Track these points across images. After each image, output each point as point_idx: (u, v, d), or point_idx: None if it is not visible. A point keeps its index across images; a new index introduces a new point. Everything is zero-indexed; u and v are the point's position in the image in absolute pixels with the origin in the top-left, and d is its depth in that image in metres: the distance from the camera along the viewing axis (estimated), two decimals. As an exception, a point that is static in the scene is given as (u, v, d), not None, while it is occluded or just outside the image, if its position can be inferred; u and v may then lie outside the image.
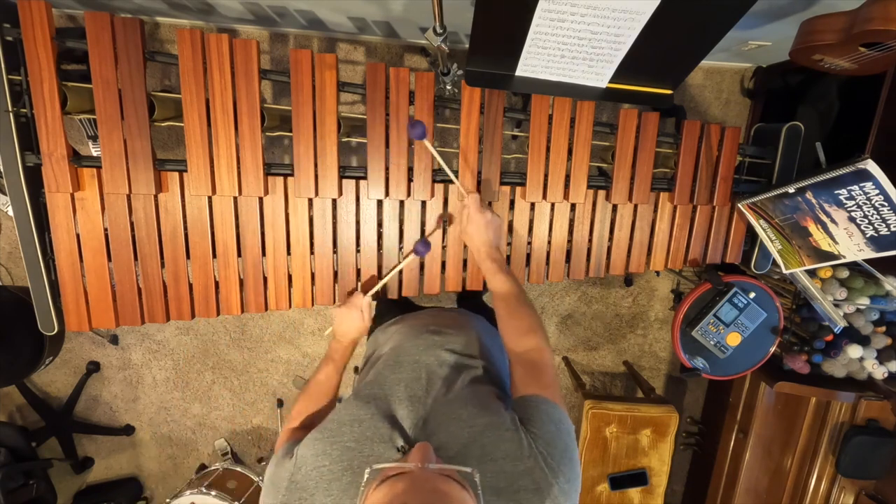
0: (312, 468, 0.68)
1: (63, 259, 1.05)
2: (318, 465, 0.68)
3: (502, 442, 0.67)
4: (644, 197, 1.24)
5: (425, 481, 0.54)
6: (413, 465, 0.55)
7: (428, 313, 1.14)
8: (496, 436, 0.67)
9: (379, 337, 1.10)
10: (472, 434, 0.68)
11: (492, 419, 0.70)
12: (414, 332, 0.95)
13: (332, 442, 0.70)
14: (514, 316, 0.90)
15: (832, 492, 1.92)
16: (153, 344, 2.35)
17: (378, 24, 1.80)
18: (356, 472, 0.66)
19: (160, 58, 1.02)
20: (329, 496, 0.65)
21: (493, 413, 0.71)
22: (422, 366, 0.83)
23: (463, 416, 0.71)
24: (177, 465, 2.55)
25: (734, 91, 2.18)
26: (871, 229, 1.07)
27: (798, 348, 1.66)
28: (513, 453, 0.65)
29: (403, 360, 0.85)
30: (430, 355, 0.86)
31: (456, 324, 1.02)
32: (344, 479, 0.66)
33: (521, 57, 0.94)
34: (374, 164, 1.11)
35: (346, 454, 0.68)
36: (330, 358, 1.00)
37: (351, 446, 0.69)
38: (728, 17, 0.83)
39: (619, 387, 2.58)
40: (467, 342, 0.92)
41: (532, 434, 0.68)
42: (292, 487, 0.67)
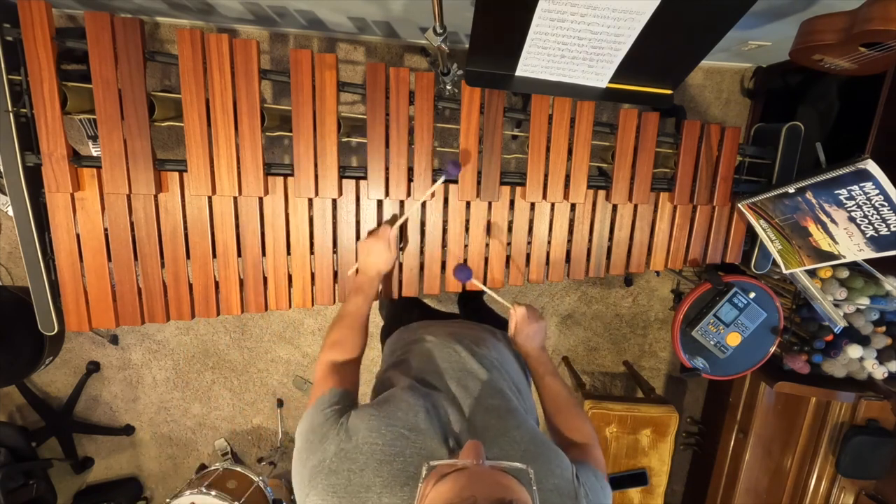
0: (364, 442, 0.67)
1: (63, 259, 1.05)
2: (371, 442, 0.67)
3: (553, 476, 0.68)
4: (644, 197, 1.24)
5: (485, 475, 0.54)
6: (469, 461, 0.56)
7: (459, 324, 1.15)
8: (548, 468, 0.69)
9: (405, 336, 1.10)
10: (525, 458, 0.69)
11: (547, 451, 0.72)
12: (453, 340, 0.96)
13: (388, 424, 0.70)
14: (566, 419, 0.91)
15: (832, 492, 1.92)
16: (153, 344, 2.35)
17: (378, 24, 1.80)
18: (407, 461, 0.66)
19: (160, 58, 1.02)
20: (379, 477, 0.64)
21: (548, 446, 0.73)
22: (471, 375, 0.85)
23: (517, 439, 0.72)
24: (177, 465, 2.55)
25: (734, 91, 2.17)
26: (871, 229, 1.07)
27: (798, 348, 1.66)
28: (562, 489, 0.67)
29: (451, 367, 0.87)
30: (477, 365, 0.88)
31: (489, 339, 1.03)
32: (395, 465, 0.65)
33: (521, 57, 0.94)
34: (374, 164, 1.11)
35: (399, 440, 0.68)
36: (358, 289, 1.01)
37: (405, 434, 0.69)
38: (728, 17, 0.83)
39: (619, 387, 2.58)
40: (506, 360, 0.96)
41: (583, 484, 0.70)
42: (341, 455, 0.66)
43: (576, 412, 0.92)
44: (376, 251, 1.03)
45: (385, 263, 1.04)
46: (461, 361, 0.89)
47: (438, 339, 0.96)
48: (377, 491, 0.63)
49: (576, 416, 0.91)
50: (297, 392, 2.46)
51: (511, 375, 0.93)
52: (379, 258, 1.03)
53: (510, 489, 0.52)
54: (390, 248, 1.04)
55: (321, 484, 0.64)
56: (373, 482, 0.63)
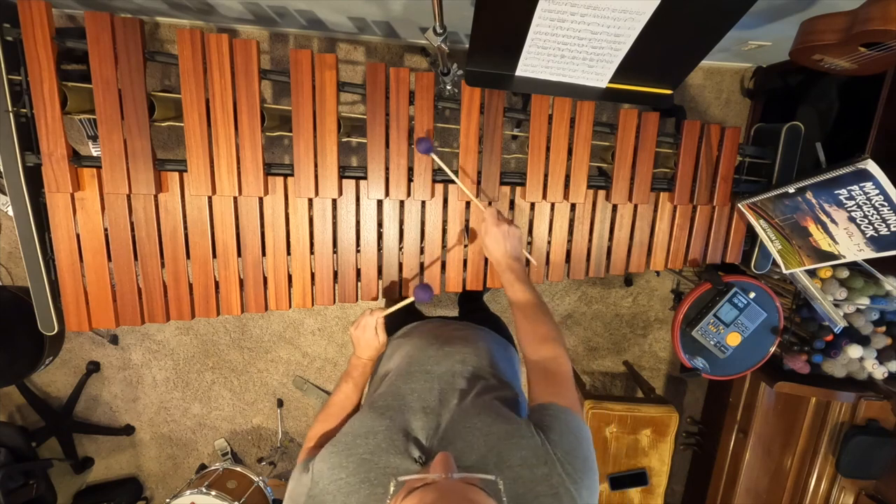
0: (329, 481, 0.68)
1: (63, 259, 1.05)
2: (335, 479, 0.68)
3: (518, 449, 0.67)
4: (644, 197, 1.24)
5: (454, 491, 0.53)
6: (438, 475, 0.55)
7: (435, 325, 1.14)
8: (512, 443, 0.67)
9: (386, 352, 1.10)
10: (488, 443, 0.68)
11: (507, 427, 0.70)
12: (423, 344, 0.95)
13: (348, 455, 0.70)
14: (532, 325, 0.90)
15: (832, 492, 1.92)
16: (153, 344, 2.35)
17: (378, 24, 1.80)
18: (374, 483, 0.66)
19: (160, 58, 1.02)
20: None
21: (508, 421, 0.71)
22: (434, 377, 0.84)
23: (478, 425, 0.71)
24: (177, 465, 2.55)
25: (734, 91, 2.17)
26: (871, 229, 1.07)
27: (798, 348, 1.66)
28: (529, 459, 0.65)
29: (415, 371, 0.86)
30: (442, 366, 0.87)
31: (463, 336, 1.02)
32: (362, 492, 0.65)
33: (521, 57, 0.94)
34: (374, 164, 1.11)
35: (362, 466, 0.68)
36: (349, 375, 1.00)
37: (367, 458, 0.69)
38: (728, 17, 0.83)
39: (619, 387, 2.58)
40: (476, 354, 0.93)
41: (551, 441, 0.67)
42: (310, 502, 0.67)
43: (542, 319, 0.89)
44: (364, 341, 1.01)
45: (375, 350, 1.02)
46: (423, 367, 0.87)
47: (408, 347, 0.97)
48: None
49: (542, 324, 0.89)
50: (297, 392, 2.46)
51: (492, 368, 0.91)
52: (368, 347, 1.01)
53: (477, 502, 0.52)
54: (377, 336, 1.02)
55: None
56: None
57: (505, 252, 0.98)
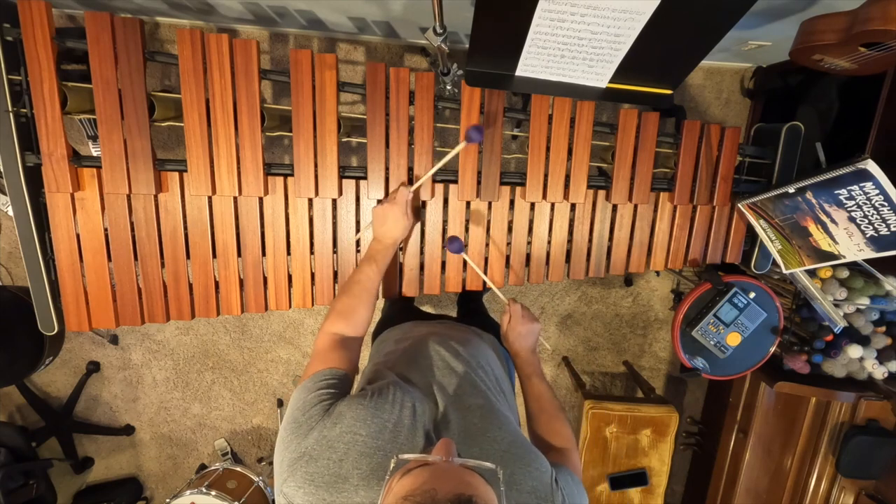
0: (347, 430, 0.66)
1: (63, 259, 1.05)
2: (354, 431, 0.66)
3: (532, 479, 0.68)
4: (644, 197, 1.24)
5: (449, 472, 0.54)
6: (438, 458, 0.56)
7: (445, 325, 1.13)
8: (527, 470, 0.69)
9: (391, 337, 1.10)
10: (504, 459, 0.69)
11: (528, 454, 0.71)
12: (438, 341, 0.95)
13: (375, 414, 0.69)
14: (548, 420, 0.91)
15: (832, 492, 1.92)
16: (153, 344, 2.35)
17: (378, 24, 1.80)
18: (387, 456, 0.65)
19: (160, 58, 1.02)
20: (357, 469, 0.64)
21: (530, 450, 0.73)
22: (455, 374, 0.85)
23: (498, 439, 0.72)
24: (177, 465, 2.55)
25: (734, 91, 2.17)
26: (871, 229, 1.07)
27: (798, 348, 1.66)
28: (539, 492, 0.67)
29: (435, 366, 0.87)
30: (461, 365, 0.87)
31: (474, 340, 1.03)
32: (374, 458, 0.65)
33: (521, 57, 0.94)
34: (374, 164, 1.11)
35: (382, 433, 0.67)
36: (371, 258, 0.96)
37: (389, 427, 0.69)
38: (728, 17, 0.83)
39: (619, 387, 2.58)
40: (490, 361, 0.95)
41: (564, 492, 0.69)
42: (322, 442, 0.66)
43: (558, 416, 0.91)
44: (392, 217, 0.97)
45: (402, 230, 0.98)
46: (444, 361, 0.88)
47: (423, 339, 0.96)
48: (354, 483, 0.63)
49: (558, 420, 0.90)
50: (297, 392, 2.46)
51: (495, 376, 0.92)
52: (396, 225, 0.97)
53: (472, 486, 0.52)
54: (407, 214, 0.98)
55: (300, 471, 0.64)
56: (350, 474, 0.63)
57: (525, 348, 1.00)
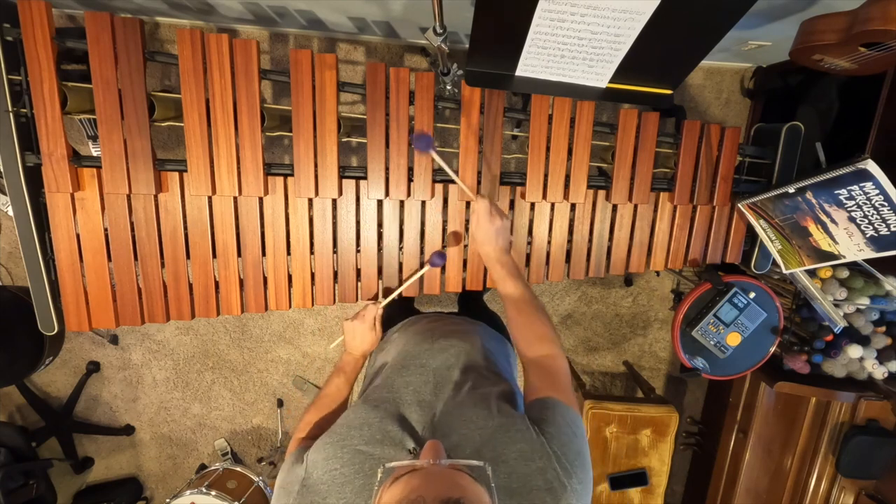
0: (324, 472, 0.68)
1: (63, 259, 1.05)
2: (330, 469, 0.68)
3: (514, 442, 0.67)
4: (644, 197, 1.24)
5: (440, 476, 0.54)
6: (425, 461, 0.56)
7: (430, 319, 1.14)
8: (507, 437, 0.67)
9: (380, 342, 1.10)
10: (483, 436, 0.68)
11: (503, 420, 0.70)
12: (419, 338, 0.95)
13: (343, 445, 0.70)
14: (526, 321, 0.89)
15: (832, 492, 1.92)
16: (153, 344, 2.35)
17: (378, 24, 1.80)
18: (368, 474, 0.66)
19: (160, 58, 1.02)
20: (342, 499, 0.65)
21: (504, 415, 0.71)
22: (429, 370, 0.84)
23: (473, 419, 0.71)
24: (177, 465, 2.55)
25: (734, 91, 2.17)
26: (871, 229, 1.07)
27: (798, 348, 1.66)
28: (525, 453, 0.65)
29: (410, 364, 0.86)
30: (437, 360, 0.87)
31: (459, 329, 1.02)
32: (356, 482, 0.66)
33: (521, 57, 0.94)
34: (374, 164, 1.11)
35: (356, 457, 0.68)
36: (341, 370, 1.00)
37: (361, 449, 0.69)
38: (728, 17, 0.83)
39: (619, 387, 2.58)
40: (472, 347, 0.93)
41: (546, 434, 0.68)
42: (304, 491, 0.67)
43: (537, 317, 0.88)
44: (360, 333, 1.01)
45: (370, 345, 1.02)
46: (419, 359, 0.87)
47: (403, 340, 0.97)
48: None
49: (537, 322, 0.88)
50: (297, 392, 2.46)
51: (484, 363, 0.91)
52: (363, 341, 1.02)
53: (460, 487, 0.52)
54: (375, 329, 1.02)
55: None
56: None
57: (496, 246, 0.96)
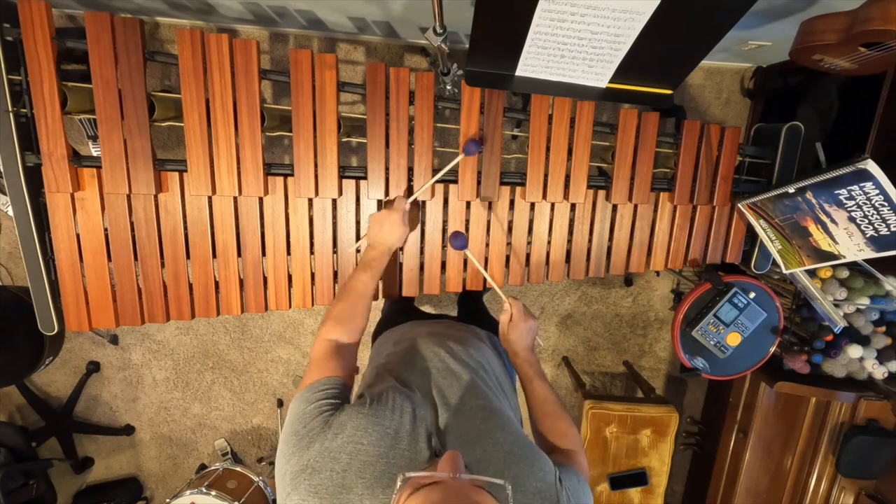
0: (349, 441, 0.66)
1: (63, 259, 1.05)
2: (356, 441, 0.66)
3: (536, 480, 0.67)
4: (644, 197, 1.24)
5: (459, 491, 0.53)
6: (446, 474, 0.55)
7: (444, 325, 1.13)
8: (532, 471, 0.68)
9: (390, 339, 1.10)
10: (508, 461, 0.68)
11: (532, 455, 0.71)
12: (437, 341, 0.95)
13: (375, 422, 0.69)
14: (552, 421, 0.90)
15: (832, 492, 1.92)
16: (153, 344, 2.35)
17: (378, 24, 1.79)
18: (391, 463, 0.65)
19: (160, 58, 1.02)
20: (362, 479, 0.63)
21: (533, 450, 0.72)
22: (454, 376, 0.84)
23: (500, 441, 0.72)
24: (177, 465, 2.55)
25: (734, 91, 2.17)
26: (871, 229, 1.07)
27: (798, 348, 1.66)
28: (544, 493, 0.66)
29: (434, 368, 0.86)
30: (460, 366, 0.87)
31: (473, 340, 1.03)
32: (378, 466, 0.65)
33: (521, 57, 0.94)
34: (374, 164, 1.11)
35: (383, 441, 0.67)
36: (366, 265, 0.96)
37: (391, 434, 0.68)
38: (728, 17, 0.83)
39: (619, 387, 2.58)
40: (490, 361, 0.94)
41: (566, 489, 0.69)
42: (324, 454, 0.65)
43: (562, 417, 0.90)
44: (390, 224, 0.98)
45: (398, 238, 0.99)
46: (443, 362, 0.87)
47: (422, 341, 0.96)
48: (359, 493, 0.62)
49: (562, 421, 0.89)
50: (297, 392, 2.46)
51: (496, 376, 0.92)
52: (392, 232, 0.98)
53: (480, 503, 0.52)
54: (404, 221, 0.99)
55: (304, 484, 0.63)
56: (355, 483, 0.63)
57: (525, 347, 0.99)
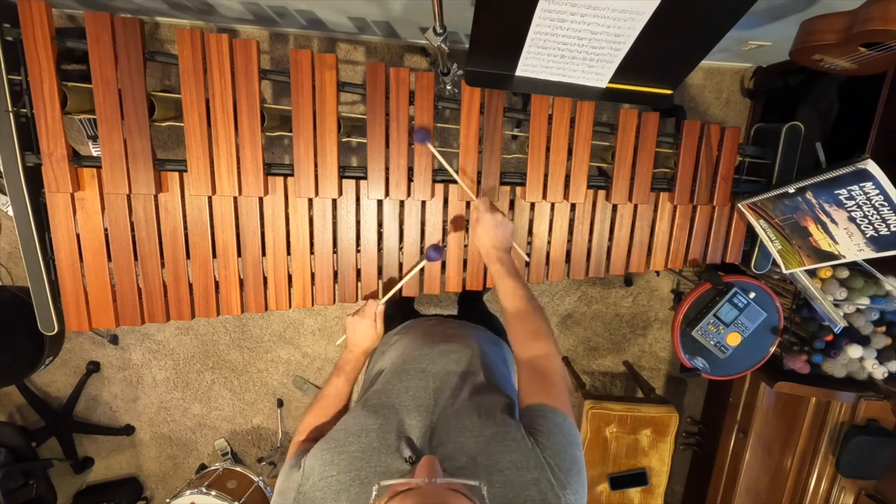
0: (320, 478, 0.67)
1: (63, 259, 1.05)
2: (326, 476, 0.67)
3: (509, 451, 0.66)
4: (644, 197, 1.24)
5: (434, 496, 0.53)
6: (421, 480, 0.55)
7: (430, 323, 1.14)
8: (503, 445, 0.67)
9: (380, 346, 1.10)
10: (479, 444, 0.68)
11: (499, 429, 0.70)
12: (418, 342, 0.95)
13: (340, 452, 0.69)
14: (522, 320, 0.88)
15: (832, 492, 1.92)
16: (153, 344, 2.35)
17: (378, 24, 1.80)
18: (364, 483, 0.65)
19: (160, 58, 1.02)
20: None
21: (500, 423, 0.71)
22: (429, 375, 0.83)
23: (469, 427, 0.71)
24: (177, 465, 2.55)
25: (734, 91, 2.17)
26: (871, 229, 1.07)
27: (798, 348, 1.66)
28: (520, 462, 0.65)
29: (410, 369, 0.85)
30: (437, 365, 0.86)
31: (458, 334, 1.02)
32: (352, 490, 0.65)
33: (521, 57, 0.94)
34: (374, 164, 1.11)
35: (353, 464, 0.68)
36: (341, 369, 0.99)
37: (358, 456, 0.69)
38: (728, 17, 0.83)
39: (619, 387, 2.58)
40: (471, 353, 0.92)
41: (540, 444, 0.67)
42: (300, 499, 0.67)
43: (533, 314, 0.88)
44: (362, 329, 1.00)
45: (371, 342, 1.01)
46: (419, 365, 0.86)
47: (403, 344, 0.96)
48: None
49: (532, 319, 0.87)
50: (297, 392, 2.46)
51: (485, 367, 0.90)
52: (364, 337, 1.00)
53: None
54: (375, 325, 1.01)
55: None
56: None
57: (495, 243, 0.97)
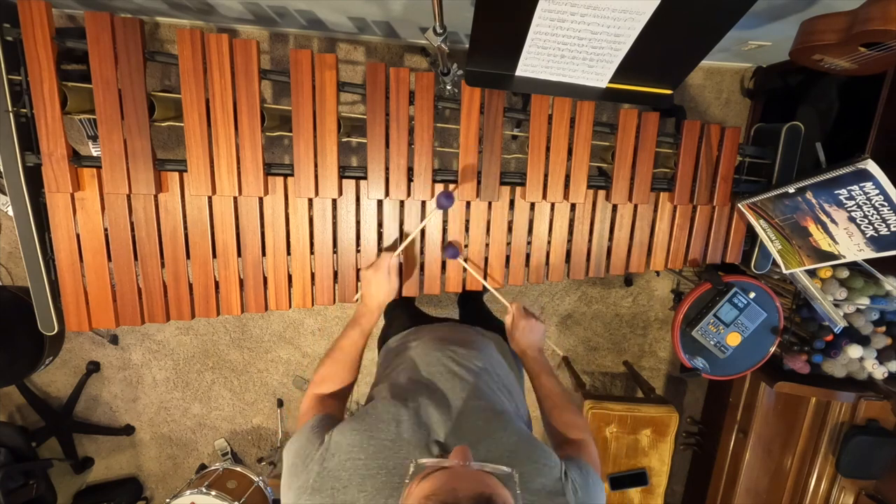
0: (347, 458, 0.67)
1: (63, 259, 1.05)
2: (353, 457, 0.67)
3: (541, 476, 0.68)
4: (644, 197, 1.24)
5: (469, 475, 0.55)
6: (455, 461, 0.57)
7: (448, 328, 1.14)
8: (535, 468, 0.69)
9: (395, 345, 1.10)
10: (511, 459, 0.69)
11: (535, 451, 0.71)
12: (440, 345, 0.96)
13: (371, 437, 0.70)
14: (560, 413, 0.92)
15: (832, 492, 1.92)
16: (153, 344, 2.35)
17: (378, 24, 1.79)
18: (391, 472, 0.66)
19: (160, 58, 1.02)
20: (363, 492, 0.64)
21: (538, 447, 0.73)
22: (457, 378, 0.85)
23: (503, 440, 0.72)
24: (177, 465, 2.55)
25: (734, 91, 2.17)
26: (871, 229, 1.07)
27: (798, 348, 1.66)
28: (550, 488, 0.67)
29: (436, 371, 0.87)
30: (463, 369, 0.88)
31: (478, 341, 1.04)
32: (379, 478, 0.65)
33: (521, 57, 0.94)
34: (374, 164, 1.11)
35: (382, 452, 0.68)
36: (356, 322, 0.99)
37: (388, 445, 0.69)
38: (728, 17, 0.83)
39: (619, 387, 2.58)
40: (493, 361, 0.96)
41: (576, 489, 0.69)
42: (324, 474, 0.67)
43: (571, 410, 0.92)
44: (376, 282, 1.01)
45: (385, 295, 1.02)
46: (445, 366, 0.88)
47: (424, 345, 0.97)
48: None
49: (571, 413, 0.91)
50: (297, 392, 2.46)
51: (500, 377, 0.93)
52: (379, 290, 1.01)
53: (491, 486, 0.53)
54: (390, 278, 1.02)
55: None
56: (356, 498, 0.64)
57: (531, 345, 1.02)
